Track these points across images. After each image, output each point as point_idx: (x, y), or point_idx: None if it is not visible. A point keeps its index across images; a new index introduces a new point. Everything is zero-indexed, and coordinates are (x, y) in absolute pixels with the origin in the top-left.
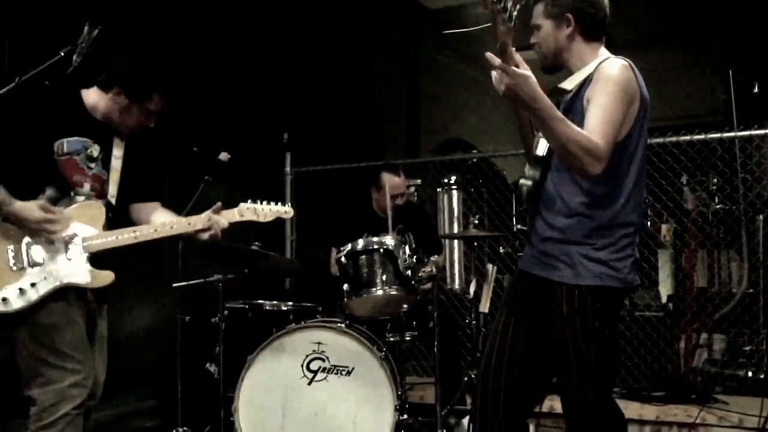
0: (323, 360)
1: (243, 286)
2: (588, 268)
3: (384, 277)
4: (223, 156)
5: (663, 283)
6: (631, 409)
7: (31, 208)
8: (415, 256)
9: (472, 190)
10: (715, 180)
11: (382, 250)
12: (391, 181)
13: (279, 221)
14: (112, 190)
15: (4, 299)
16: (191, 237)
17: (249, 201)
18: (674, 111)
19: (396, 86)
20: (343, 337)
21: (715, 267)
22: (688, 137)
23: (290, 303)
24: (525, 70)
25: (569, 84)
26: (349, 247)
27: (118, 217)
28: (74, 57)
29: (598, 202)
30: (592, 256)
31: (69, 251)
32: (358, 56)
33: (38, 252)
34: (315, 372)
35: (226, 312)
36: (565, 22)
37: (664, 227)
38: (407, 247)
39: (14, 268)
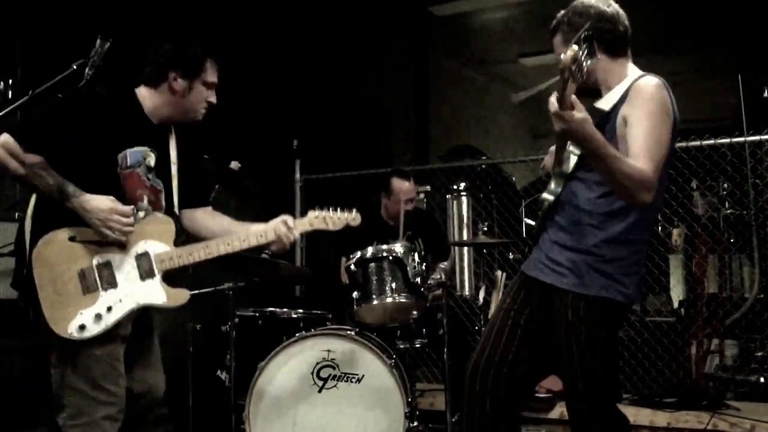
0: (333, 367)
1: (253, 294)
2: (594, 279)
3: (393, 285)
4: (234, 165)
5: (674, 288)
6: (642, 415)
7: (100, 199)
8: (424, 264)
9: (481, 196)
10: (726, 185)
11: (391, 257)
12: (401, 186)
13: (348, 228)
14: (174, 198)
15: (81, 326)
16: (258, 248)
17: (317, 209)
18: (684, 116)
19: (404, 93)
20: (352, 345)
21: (726, 272)
22: (697, 142)
23: (300, 311)
24: (580, 113)
25: (606, 104)
26: (358, 254)
27: (180, 228)
28: (86, 70)
29: (612, 215)
30: (599, 268)
31: (142, 270)
32: (367, 63)
33: (111, 273)
34: (325, 379)
35: (236, 320)
36: None
37: (675, 232)
38: (416, 255)
39: (87, 292)
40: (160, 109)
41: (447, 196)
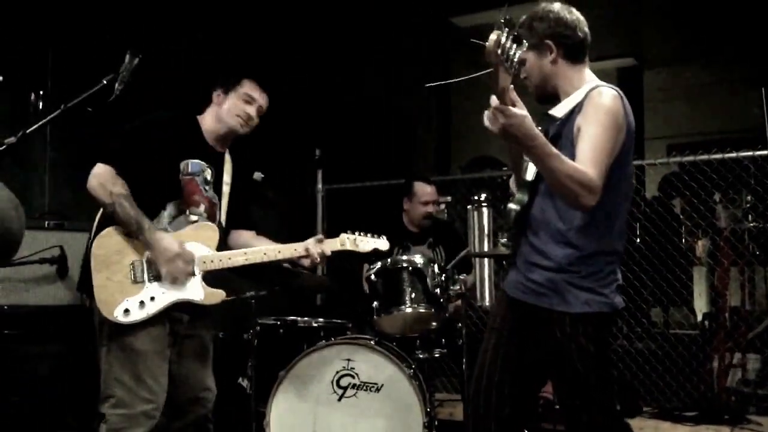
0: (353, 376)
1: (275, 303)
2: (575, 296)
3: (413, 295)
4: (257, 176)
5: (698, 300)
6: (662, 429)
7: (169, 240)
8: (444, 274)
9: (503, 207)
10: (749, 198)
11: (411, 268)
12: (423, 189)
13: (376, 252)
14: (221, 214)
15: (126, 310)
16: (293, 261)
17: (349, 232)
18: (707, 128)
19: (426, 104)
20: (372, 354)
21: (748, 286)
22: (720, 155)
23: (321, 319)
24: (521, 110)
25: (558, 111)
26: (378, 264)
27: (223, 241)
28: (116, 85)
29: (583, 232)
30: (578, 284)
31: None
32: (389, 74)
33: (158, 268)
34: (345, 388)
35: (258, 328)
36: (547, 49)
37: (699, 243)
38: (436, 265)
39: (134, 281)
40: (210, 126)
41: (468, 207)
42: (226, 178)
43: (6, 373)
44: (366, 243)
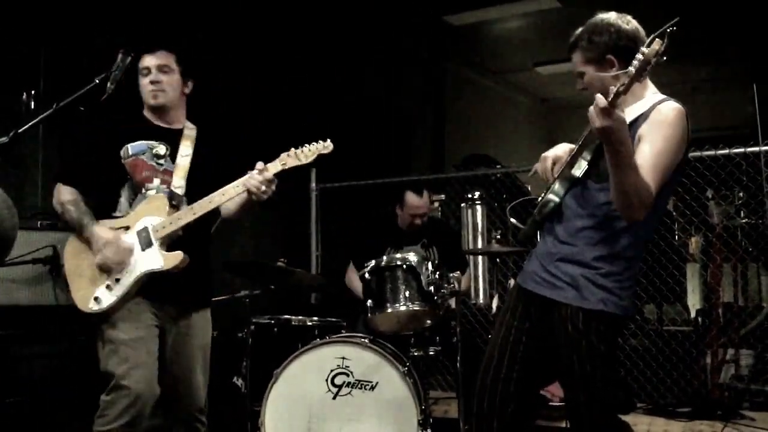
0: (347, 375)
1: (269, 302)
2: (592, 292)
3: (407, 293)
4: None
5: (691, 295)
6: (656, 424)
7: (102, 230)
8: (438, 272)
9: (496, 204)
10: (741, 194)
11: (405, 266)
12: (412, 200)
13: (321, 158)
14: (177, 182)
15: (96, 298)
16: (251, 202)
17: (291, 150)
18: (699, 125)
19: (421, 102)
20: (366, 352)
21: (740, 282)
22: (712, 152)
23: (315, 318)
24: (623, 115)
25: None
26: (372, 263)
27: (173, 200)
28: (108, 84)
29: (615, 232)
30: (597, 282)
31: (143, 242)
32: (384, 73)
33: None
34: (339, 386)
35: (252, 327)
36: (608, 64)
37: (693, 240)
38: (430, 263)
39: (101, 271)
40: (146, 107)
41: (462, 205)
42: (183, 150)
43: (0, 373)
44: (308, 152)
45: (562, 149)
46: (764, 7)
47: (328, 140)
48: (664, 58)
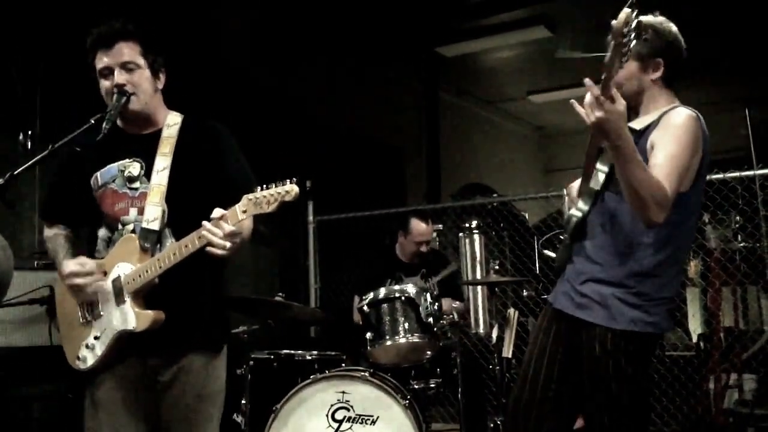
0: (348, 409)
1: (268, 336)
2: (622, 313)
3: (406, 325)
4: None
5: (692, 320)
6: None
7: (66, 263)
8: (436, 303)
9: (494, 234)
10: (737, 218)
11: (403, 298)
12: (419, 227)
13: (285, 207)
14: (150, 212)
15: (79, 357)
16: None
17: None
18: None
19: (415, 133)
20: (367, 386)
21: (740, 306)
22: (707, 176)
23: (315, 352)
24: (620, 106)
25: (638, 125)
26: (371, 295)
27: (173, 225)
28: (104, 125)
29: (645, 248)
30: (629, 301)
31: (117, 295)
32: (378, 104)
33: (98, 302)
34: (340, 422)
35: (251, 362)
36: (653, 66)
37: (692, 264)
38: (429, 295)
39: (84, 323)
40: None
41: (459, 235)
42: (159, 162)
43: None
44: (271, 199)
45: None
46: (756, 31)
47: (294, 185)
48: (642, 36)
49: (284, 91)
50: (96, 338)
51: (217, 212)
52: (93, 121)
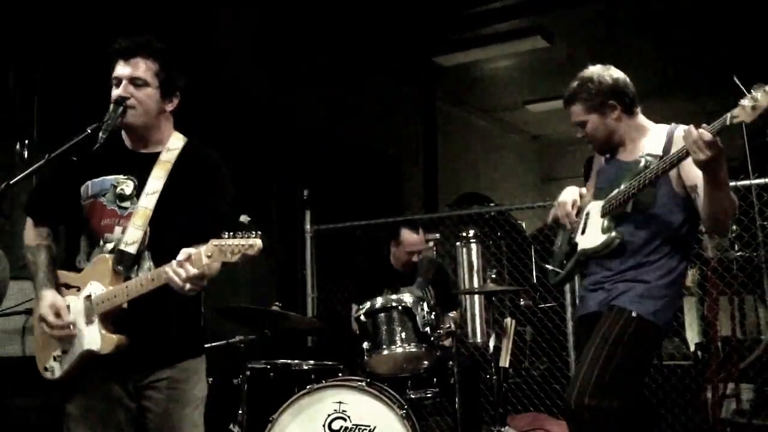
0: (345, 419)
1: (265, 347)
2: (645, 303)
3: (403, 335)
4: (243, 218)
5: (689, 330)
6: None
7: (41, 303)
8: (433, 313)
9: (491, 243)
10: (734, 227)
11: (400, 307)
12: (409, 238)
13: (249, 259)
14: (131, 235)
15: (46, 368)
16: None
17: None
18: None
19: (413, 142)
20: (363, 396)
21: (737, 315)
22: None
23: (312, 362)
24: (720, 145)
25: (629, 156)
26: (368, 305)
27: (156, 248)
28: (100, 134)
29: (670, 256)
30: (653, 294)
31: (87, 314)
32: (375, 114)
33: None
34: (337, 431)
35: (248, 372)
36: (609, 109)
37: (689, 273)
38: (425, 304)
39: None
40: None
41: (456, 244)
42: (151, 185)
43: None
44: (235, 249)
45: (571, 192)
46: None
47: (258, 239)
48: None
49: (282, 100)
50: (64, 352)
51: (184, 253)
52: (89, 131)
